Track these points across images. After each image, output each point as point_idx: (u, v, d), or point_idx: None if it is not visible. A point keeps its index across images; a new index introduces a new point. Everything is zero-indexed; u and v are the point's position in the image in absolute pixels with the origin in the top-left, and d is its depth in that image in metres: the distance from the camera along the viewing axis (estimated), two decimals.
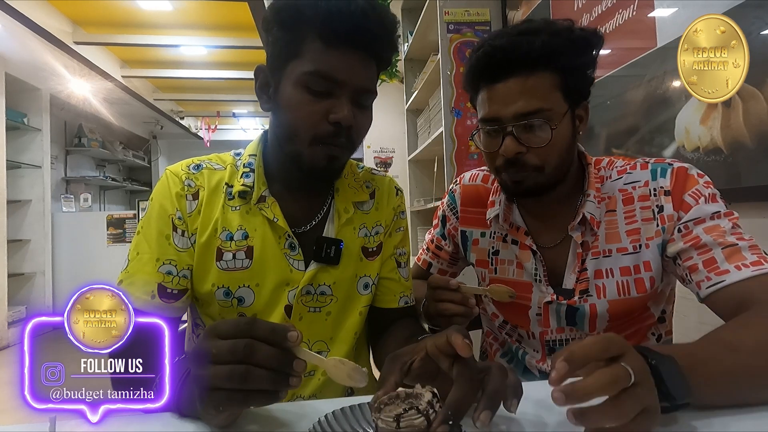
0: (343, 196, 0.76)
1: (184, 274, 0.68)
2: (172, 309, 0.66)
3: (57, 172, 5.09)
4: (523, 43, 0.68)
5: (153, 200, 0.71)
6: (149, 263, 0.66)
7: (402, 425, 0.39)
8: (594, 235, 0.75)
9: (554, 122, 0.69)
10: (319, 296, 0.72)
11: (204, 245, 0.68)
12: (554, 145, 0.70)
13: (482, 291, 0.80)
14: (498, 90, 0.70)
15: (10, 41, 3.40)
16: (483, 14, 2.16)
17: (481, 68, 0.71)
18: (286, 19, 0.64)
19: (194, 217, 0.69)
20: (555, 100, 0.70)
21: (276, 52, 0.66)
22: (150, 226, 0.68)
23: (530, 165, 0.71)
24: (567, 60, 0.69)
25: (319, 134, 0.64)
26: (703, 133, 1.07)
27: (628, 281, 0.74)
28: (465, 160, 2.13)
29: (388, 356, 0.49)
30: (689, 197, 0.69)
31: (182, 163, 0.73)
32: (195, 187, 0.70)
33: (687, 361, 0.45)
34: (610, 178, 0.77)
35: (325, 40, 0.62)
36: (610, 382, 0.37)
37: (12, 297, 3.93)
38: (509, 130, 0.70)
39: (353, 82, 0.64)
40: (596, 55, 0.73)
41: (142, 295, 0.65)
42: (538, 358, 0.82)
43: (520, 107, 0.69)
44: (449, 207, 0.92)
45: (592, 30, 0.72)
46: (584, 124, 0.75)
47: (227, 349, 0.41)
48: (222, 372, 0.41)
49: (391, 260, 0.79)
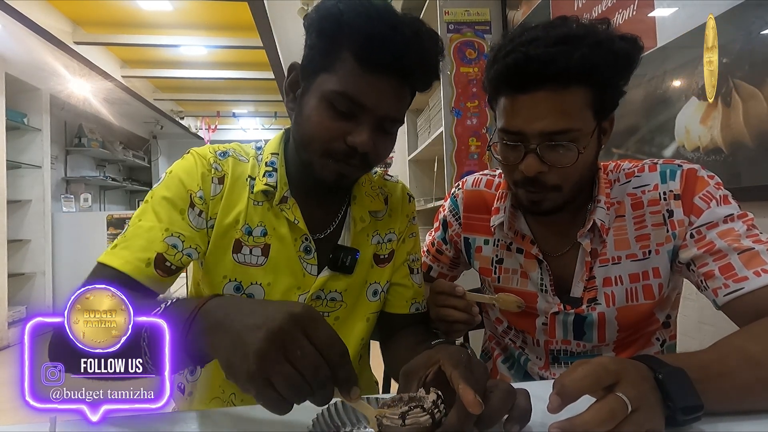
0: (360, 204, 0.75)
1: (189, 252, 0.64)
2: (160, 284, 0.62)
3: (57, 172, 5.09)
4: (560, 56, 0.61)
5: (172, 173, 0.68)
6: (153, 231, 0.62)
7: (407, 422, 0.40)
8: (602, 242, 0.72)
9: (582, 144, 0.64)
10: (329, 302, 0.71)
11: (222, 233, 0.67)
12: (578, 165, 0.65)
13: (489, 300, 0.78)
14: (524, 102, 0.64)
15: (10, 41, 3.40)
16: (483, 14, 2.16)
17: (508, 76, 0.65)
18: (326, 28, 0.61)
19: (216, 201, 0.67)
20: (585, 118, 0.65)
21: (310, 57, 0.63)
22: (162, 196, 0.65)
23: (549, 185, 0.67)
24: (605, 76, 0.63)
25: (332, 150, 0.62)
26: (704, 133, 1.07)
27: (636, 288, 0.72)
28: (465, 160, 2.13)
29: (402, 370, 0.49)
30: (700, 200, 0.67)
31: (209, 146, 0.71)
32: (221, 171, 0.69)
33: (699, 374, 0.44)
34: (618, 181, 0.74)
35: (360, 62, 0.59)
36: (607, 418, 0.38)
37: (12, 297, 3.92)
38: (533, 148, 0.65)
39: (380, 111, 0.61)
40: (635, 68, 0.66)
41: (135, 260, 0.59)
42: (541, 365, 0.81)
43: (547, 125, 0.63)
44: (451, 212, 0.89)
45: (632, 40, 0.65)
46: (608, 136, 0.71)
47: (313, 363, 0.38)
48: (293, 379, 0.38)
49: (403, 267, 0.78)
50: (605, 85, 0.65)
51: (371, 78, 0.59)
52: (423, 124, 2.77)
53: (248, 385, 0.38)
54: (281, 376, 0.38)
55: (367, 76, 0.59)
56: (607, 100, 0.67)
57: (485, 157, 2.13)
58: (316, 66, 0.62)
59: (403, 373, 0.48)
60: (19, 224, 4.23)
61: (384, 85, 0.60)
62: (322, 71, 0.62)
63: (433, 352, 0.48)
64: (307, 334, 0.39)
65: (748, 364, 0.48)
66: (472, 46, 2.15)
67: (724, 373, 0.47)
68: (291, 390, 0.38)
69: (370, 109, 0.61)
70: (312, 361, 0.38)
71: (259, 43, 3.48)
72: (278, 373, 0.38)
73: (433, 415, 0.40)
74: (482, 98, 2.14)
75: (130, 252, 0.60)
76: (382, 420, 0.41)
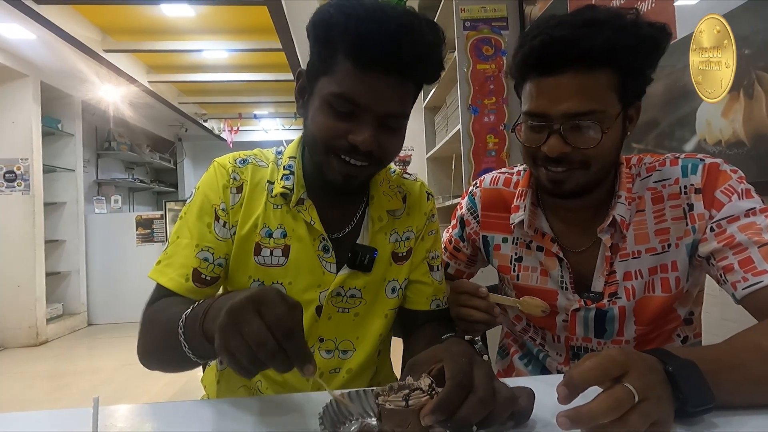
0: (377, 204, 0.76)
1: (220, 262, 0.70)
2: (201, 294, 0.69)
3: (89, 175, 5.30)
4: (585, 38, 0.61)
5: (199, 189, 0.73)
6: (188, 248, 0.69)
7: (411, 402, 0.42)
8: (623, 237, 0.72)
9: (606, 125, 0.64)
10: (349, 298, 0.74)
11: (243, 238, 0.71)
12: (602, 147, 0.65)
13: (513, 302, 0.77)
14: (549, 84, 0.65)
15: (44, 51, 3.57)
16: (500, 10, 2.15)
17: (534, 58, 0.65)
18: (320, 33, 0.63)
19: (236, 210, 0.71)
20: (609, 101, 0.65)
21: (312, 62, 0.66)
22: (192, 213, 0.71)
23: (575, 161, 0.67)
24: (630, 59, 0.63)
25: (336, 150, 0.64)
26: (725, 126, 1.05)
27: (654, 280, 0.72)
28: (483, 157, 2.12)
29: (408, 362, 0.50)
30: (721, 194, 0.66)
31: (230, 155, 0.75)
32: (240, 180, 0.72)
33: (711, 366, 0.44)
34: (639, 176, 0.74)
35: (353, 62, 0.60)
36: (613, 407, 0.38)
37: (49, 295, 4.12)
38: (556, 128, 0.65)
39: (379, 108, 0.62)
40: (661, 54, 0.66)
41: (177, 276, 0.67)
42: (561, 361, 0.81)
43: (571, 106, 0.64)
44: (469, 210, 0.90)
45: (660, 26, 0.64)
46: (633, 124, 0.71)
47: (258, 338, 0.42)
48: (246, 351, 0.42)
49: (423, 264, 0.80)
50: (630, 69, 0.64)
51: (366, 77, 0.60)
52: (440, 121, 2.78)
53: (220, 356, 0.44)
54: (236, 349, 0.43)
55: (362, 76, 0.60)
56: (633, 85, 0.66)
57: (503, 153, 2.12)
58: (317, 70, 0.64)
59: (408, 365, 0.50)
60: (55, 225, 4.44)
61: (381, 83, 0.60)
62: (322, 75, 0.63)
63: (439, 351, 0.49)
64: (259, 312, 0.43)
65: (762, 357, 0.48)
66: (489, 42, 2.14)
67: (736, 365, 0.47)
68: (247, 360, 0.43)
69: (369, 108, 0.61)
70: (258, 337, 0.42)
71: (278, 45, 3.54)
72: (234, 347, 0.43)
73: (432, 396, 0.43)
74: (499, 95, 2.13)
75: (172, 269, 0.68)
76: (384, 405, 0.43)
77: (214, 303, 0.52)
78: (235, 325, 0.43)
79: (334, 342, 0.74)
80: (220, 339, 0.44)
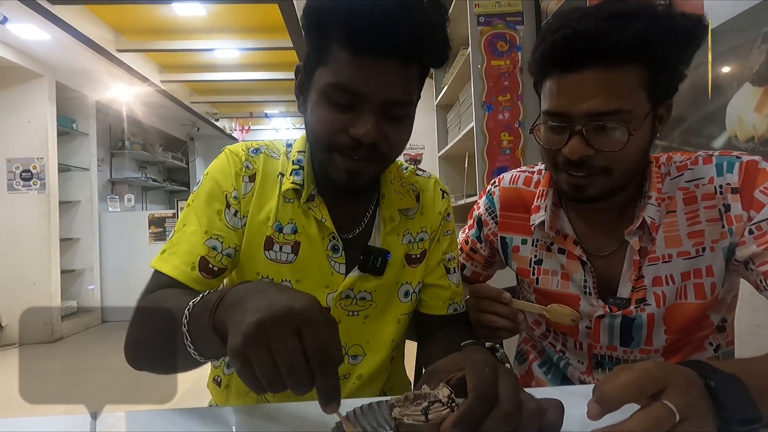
0: (388, 203, 0.73)
1: (228, 253, 0.66)
2: (207, 285, 0.64)
3: (103, 174, 5.37)
4: (612, 31, 0.56)
5: (208, 175, 0.69)
6: (195, 234, 0.64)
7: (431, 417, 0.39)
8: (652, 240, 0.68)
9: (633, 126, 0.60)
10: (359, 301, 0.71)
11: (254, 230, 0.67)
12: (628, 150, 0.60)
13: (539, 310, 0.73)
14: (571, 81, 0.60)
15: (59, 51, 3.61)
16: (515, 5, 2.10)
17: (556, 53, 0.61)
18: (312, 24, 0.59)
19: (248, 199, 0.68)
20: (638, 99, 0.60)
21: (308, 54, 0.63)
22: (201, 199, 0.67)
23: (598, 166, 0.62)
24: (662, 54, 0.58)
25: (338, 146, 0.60)
26: (758, 122, 1.00)
27: (686, 286, 0.67)
28: (497, 155, 2.08)
29: (427, 369, 0.47)
30: (761, 194, 0.62)
31: (242, 144, 0.72)
32: (252, 169, 0.69)
33: (757, 381, 0.41)
34: (669, 175, 0.70)
35: (348, 49, 0.56)
36: (651, 428, 0.35)
37: (64, 292, 4.18)
38: (578, 129, 0.61)
39: (380, 96, 0.57)
40: (697, 48, 0.61)
41: (182, 264, 0.62)
42: (583, 369, 0.77)
43: (595, 105, 0.59)
44: (487, 210, 0.86)
45: (696, 18, 0.59)
46: (664, 124, 0.66)
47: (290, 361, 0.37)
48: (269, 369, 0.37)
49: (439, 267, 0.76)
50: (662, 65, 0.59)
51: (362, 63, 0.56)
52: (453, 119, 2.74)
53: (232, 359, 0.38)
54: (259, 363, 0.37)
55: (358, 63, 0.56)
56: (664, 83, 0.62)
57: (518, 151, 2.08)
58: (313, 62, 0.61)
59: (427, 372, 0.47)
60: (69, 224, 4.51)
61: (379, 69, 0.56)
62: (318, 66, 0.60)
63: (460, 358, 0.46)
64: (300, 331, 0.38)
65: None
66: (504, 38, 2.09)
67: None
68: (265, 378, 0.37)
69: (368, 97, 0.57)
70: (290, 360, 0.37)
71: (289, 44, 3.54)
72: (257, 359, 0.37)
73: (453, 408, 0.40)
74: (514, 92, 2.08)
75: (177, 257, 0.63)
76: (403, 420, 0.40)
77: (231, 289, 0.44)
78: (266, 337, 0.37)
79: (343, 347, 0.71)
80: (243, 344, 0.37)
